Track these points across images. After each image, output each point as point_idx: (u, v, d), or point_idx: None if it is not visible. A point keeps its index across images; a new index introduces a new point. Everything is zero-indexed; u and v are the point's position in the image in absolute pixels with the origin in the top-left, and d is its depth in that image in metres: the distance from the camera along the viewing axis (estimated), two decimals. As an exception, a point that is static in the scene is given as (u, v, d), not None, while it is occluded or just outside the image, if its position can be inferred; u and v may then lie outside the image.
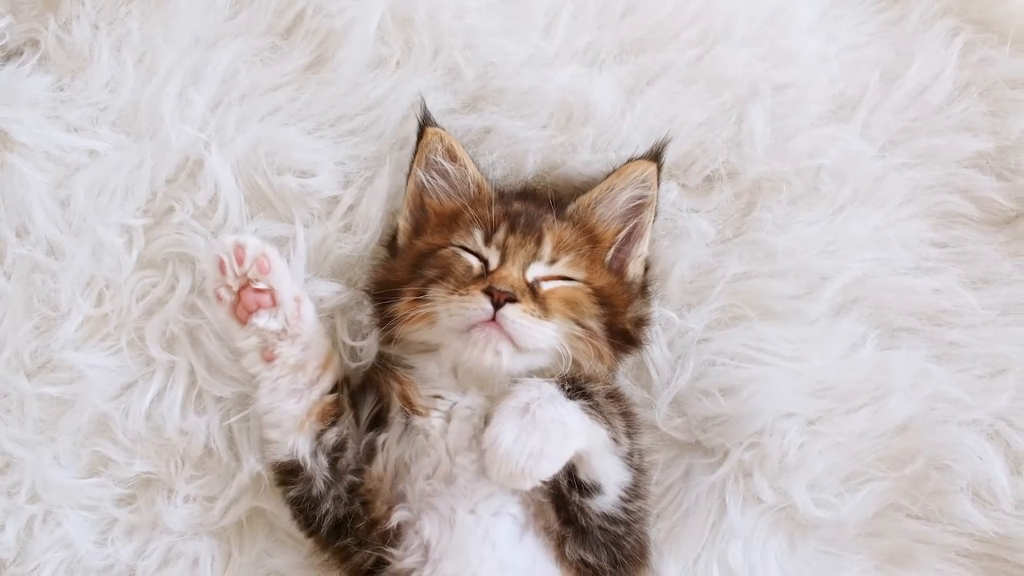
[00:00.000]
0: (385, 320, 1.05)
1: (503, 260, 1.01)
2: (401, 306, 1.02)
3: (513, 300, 0.96)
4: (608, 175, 1.08)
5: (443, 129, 1.08)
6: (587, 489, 0.94)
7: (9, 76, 1.16)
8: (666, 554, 1.12)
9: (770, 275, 1.14)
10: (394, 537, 0.99)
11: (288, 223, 1.14)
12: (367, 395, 1.07)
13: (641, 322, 1.09)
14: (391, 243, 1.13)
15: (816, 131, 1.16)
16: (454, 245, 1.04)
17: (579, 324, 1.01)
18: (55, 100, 1.16)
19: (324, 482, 1.01)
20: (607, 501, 0.95)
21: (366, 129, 1.16)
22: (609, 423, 0.94)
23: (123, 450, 1.14)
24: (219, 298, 1.00)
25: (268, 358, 1.01)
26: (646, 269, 1.12)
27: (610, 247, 1.08)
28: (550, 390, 0.92)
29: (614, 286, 1.06)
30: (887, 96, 1.17)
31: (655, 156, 1.07)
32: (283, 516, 1.13)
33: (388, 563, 0.98)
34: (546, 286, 1.01)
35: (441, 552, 0.95)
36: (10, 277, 1.15)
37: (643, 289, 1.12)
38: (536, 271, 1.01)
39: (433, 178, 1.09)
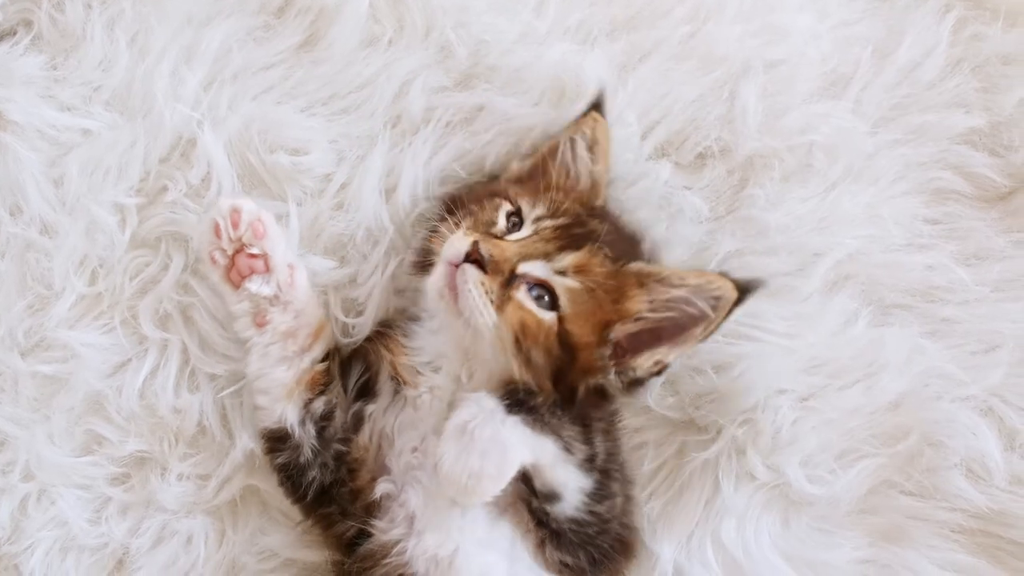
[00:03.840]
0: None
1: (520, 239, 0.98)
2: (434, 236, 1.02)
3: (481, 267, 0.94)
4: (691, 272, 0.98)
5: (604, 120, 1.06)
6: (546, 496, 0.93)
7: (2, 56, 1.15)
8: (659, 531, 1.12)
9: (763, 252, 1.14)
10: (377, 509, 0.99)
11: (281, 201, 1.14)
12: (355, 364, 1.07)
13: (601, 393, 0.99)
14: None
15: (808, 108, 1.16)
16: (510, 198, 1.03)
17: (519, 348, 0.94)
18: (48, 79, 1.16)
19: (312, 450, 1.01)
20: (569, 506, 0.93)
21: (359, 107, 1.16)
22: (556, 433, 0.91)
23: (117, 428, 1.14)
24: (213, 261, 1.00)
25: (260, 324, 1.01)
26: (657, 373, 0.99)
27: (624, 321, 0.97)
28: (490, 406, 0.90)
29: (588, 347, 0.96)
30: (879, 73, 1.17)
31: (744, 289, 0.95)
32: (277, 494, 1.12)
33: (371, 534, 0.98)
34: (520, 296, 0.94)
35: (425, 524, 0.95)
36: (3, 256, 1.14)
37: (636, 383, 0.99)
38: (534, 268, 0.96)
39: (568, 152, 1.07)
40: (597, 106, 1.07)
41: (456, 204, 1.05)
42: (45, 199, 1.14)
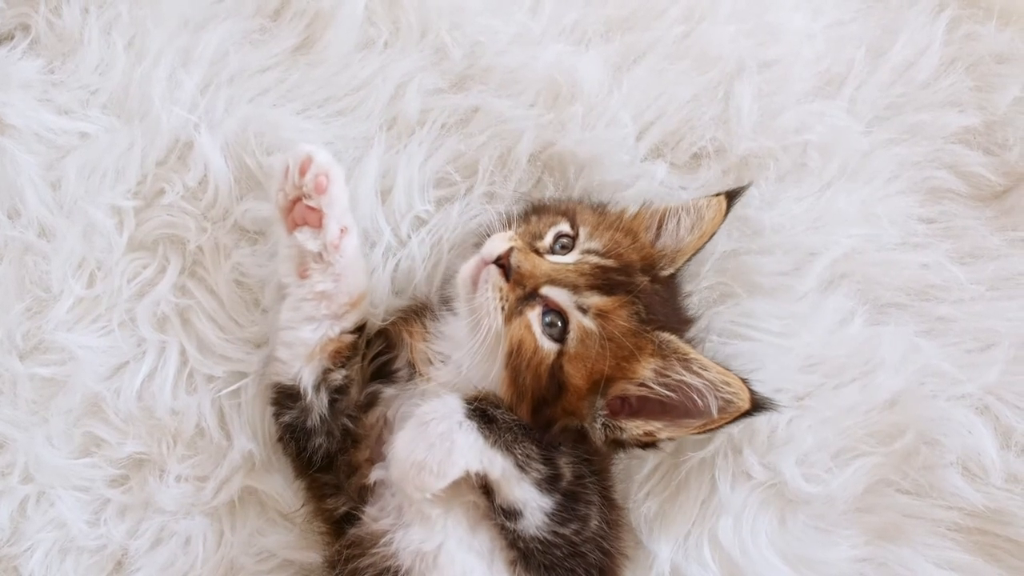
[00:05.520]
0: None
1: (559, 262, 0.98)
2: None
3: (506, 274, 0.95)
4: (716, 365, 0.93)
5: (725, 207, 1.04)
6: (508, 513, 0.92)
7: (0, 60, 1.17)
8: (656, 531, 1.12)
9: (758, 252, 1.15)
10: (370, 495, 0.99)
11: (277, 203, 1.15)
12: (378, 343, 1.07)
13: (580, 435, 0.97)
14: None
15: (803, 107, 1.16)
16: (573, 221, 1.02)
17: (508, 361, 0.94)
18: (46, 83, 1.17)
19: (320, 417, 1.01)
20: (530, 524, 0.92)
21: (354, 109, 1.17)
22: (509, 449, 0.90)
23: (115, 430, 1.14)
24: (276, 201, 1.02)
25: (302, 275, 1.01)
26: (644, 445, 0.97)
27: (628, 381, 0.95)
28: (453, 406, 0.91)
29: (578, 391, 0.95)
30: (873, 72, 1.18)
31: (759, 405, 0.91)
32: (275, 496, 1.14)
33: (359, 518, 0.98)
34: (533, 316, 0.95)
35: (412, 517, 0.95)
36: (2, 259, 1.15)
37: (618, 443, 0.97)
38: (557, 295, 0.95)
39: (676, 217, 1.05)
40: (734, 195, 1.05)
41: (534, 209, 1.08)
42: (43, 202, 1.15)
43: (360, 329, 1.05)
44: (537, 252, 0.99)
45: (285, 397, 1.03)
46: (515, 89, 1.16)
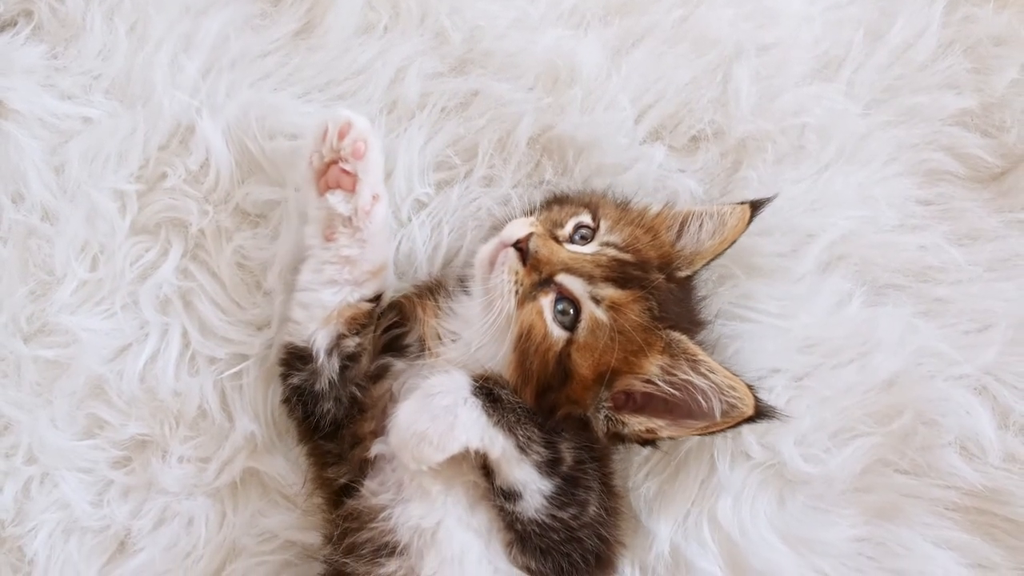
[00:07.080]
0: None
1: (577, 251, 0.98)
2: None
3: (523, 258, 0.96)
4: (724, 369, 0.93)
5: (748, 216, 1.04)
6: (507, 494, 0.93)
7: (4, 46, 1.18)
8: (656, 511, 1.12)
9: (756, 233, 1.14)
10: (371, 468, 0.99)
11: (279, 187, 1.16)
12: (391, 315, 1.08)
13: (582, 424, 0.97)
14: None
15: (801, 90, 1.17)
16: (595, 213, 1.03)
17: (517, 345, 0.95)
18: (49, 68, 1.18)
19: (329, 382, 1.02)
20: (529, 507, 0.92)
21: (355, 93, 1.18)
22: (511, 430, 0.91)
23: (118, 412, 1.15)
24: (310, 162, 1.03)
25: (328, 237, 1.02)
26: (644, 442, 0.99)
27: (635, 376, 0.95)
28: (460, 381, 0.92)
29: (583, 380, 0.95)
30: (871, 55, 1.18)
31: (762, 412, 0.91)
32: (276, 477, 1.14)
33: (358, 490, 0.99)
34: (545, 302, 0.95)
35: (412, 492, 0.95)
36: (6, 242, 1.17)
37: (618, 437, 0.98)
38: (572, 283, 0.96)
39: (699, 221, 1.05)
40: (758, 205, 1.05)
41: (557, 199, 1.09)
42: (46, 186, 1.16)
43: (377, 299, 1.06)
44: (556, 240, 1.00)
45: (296, 359, 1.04)
46: (514, 73, 1.16)
